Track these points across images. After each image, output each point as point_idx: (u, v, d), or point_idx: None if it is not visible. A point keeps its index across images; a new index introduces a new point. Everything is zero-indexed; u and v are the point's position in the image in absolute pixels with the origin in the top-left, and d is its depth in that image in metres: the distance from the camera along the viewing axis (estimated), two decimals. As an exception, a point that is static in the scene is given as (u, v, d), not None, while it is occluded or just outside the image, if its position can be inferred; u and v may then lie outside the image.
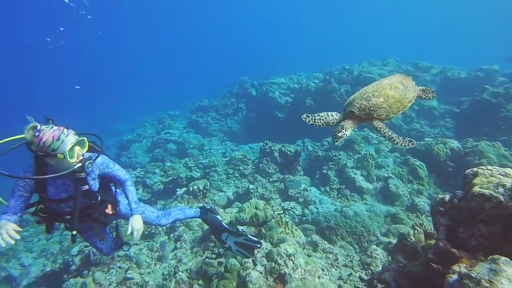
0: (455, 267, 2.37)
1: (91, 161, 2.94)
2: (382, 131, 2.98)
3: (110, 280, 5.01)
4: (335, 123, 3.09)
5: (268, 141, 8.12)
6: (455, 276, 2.28)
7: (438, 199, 3.04)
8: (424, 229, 3.37)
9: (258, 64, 30.78)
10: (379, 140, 9.23)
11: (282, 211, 6.00)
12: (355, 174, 7.25)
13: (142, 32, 58.55)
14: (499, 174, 2.61)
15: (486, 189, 2.51)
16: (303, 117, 3.13)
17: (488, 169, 2.73)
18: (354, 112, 2.89)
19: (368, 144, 9.05)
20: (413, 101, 3.16)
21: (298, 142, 10.29)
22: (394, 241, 5.19)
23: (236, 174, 7.86)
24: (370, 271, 4.69)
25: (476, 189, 2.55)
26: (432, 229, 3.26)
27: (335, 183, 7.24)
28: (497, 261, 2.07)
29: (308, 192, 6.84)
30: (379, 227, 5.99)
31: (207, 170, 8.13)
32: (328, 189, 7.11)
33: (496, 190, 2.45)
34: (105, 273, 5.26)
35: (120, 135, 16.61)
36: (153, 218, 3.66)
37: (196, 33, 64.39)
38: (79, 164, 2.85)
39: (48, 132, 2.77)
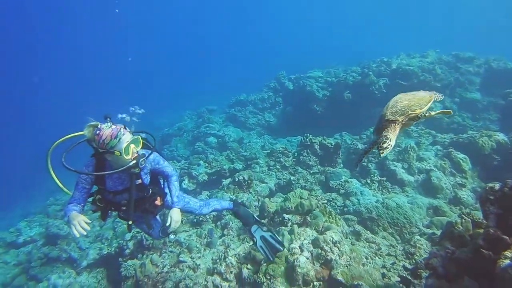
0: (507, 253, 2.49)
1: (144, 158, 3.18)
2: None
3: (164, 263, 5.42)
4: (374, 145, 2.92)
5: (308, 134, 8.28)
6: (507, 261, 2.40)
7: (487, 188, 3.12)
8: (471, 218, 3.45)
9: (294, 58, 30.64)
10: (419, 133, 9.15)
11: (326, 201, 6.15)
12: (396, 166, 7.28)
13: (180, 29, 60.02)
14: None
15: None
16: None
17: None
18: (389, 119, 2.80)
19: (408, 138, 9.00)
20: (432, 99, 3.04)
21: (336, 135, 10.36)
22: (438, 232, 5.23)
23: (278, 166, 8.10)
24: (414, 261, 4.77)
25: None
26: (480, 218, 3.33)
27: (375, 175, 7.30)
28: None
29: (349, 183, 6.95)
30: (421, 219, 6.03)
31: (249, 162, 8.42)
32: (369, 181, 7.19)
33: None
34: (159, 257, 5.70)
35: (159, 129, 17.29)
36: (196, 208, 3.98)
37: (233, 30, 65.18)
38: (134, 161, 3.08)
39: (107, 131, 3.02)
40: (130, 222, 3.26)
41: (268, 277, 4.27)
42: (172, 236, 5.96)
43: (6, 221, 12.72)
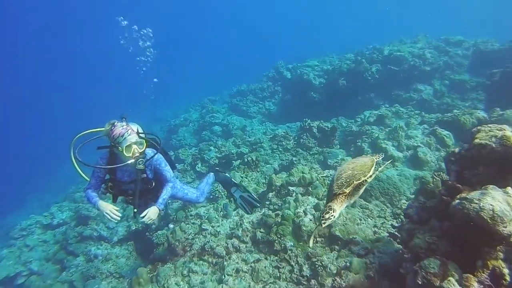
0: (458, 196, 3.35)
1: (143, 159, 3.64)
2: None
3: (189, 232, 6.32)
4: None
5: (307, 119, 9.13)
6: (456, 201, 3.26)
7: (450, 152, 3.98)
8: (441, 178, 4.31)
9: (291, 48, 31.36)
10: (409, 114, 9.97)
11: (325, 175, 7.01)
12: (387, 144, 8.13)
13: (178, 23, 60.22)
14: (496, 130, 3.52)
15: (483, 140, 3.44)
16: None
17: (489, 126, 3.64)
18: (336, 193, 2.89)
19: (399, 119, 9.81)
20: (375, 161, 3.43)
21: (333, 120, 11.15)
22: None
23: (280, 149, 8.97)
24: (400, 220, 5.65)
25: (477, 141, 3.49)
26: (446, 176, 4.18)
27: (368, 153, 8.16)
28: (487, 188, 3.04)
29: (344, 161, 7.81)
30: (408, 188, 6.88)
31: (254, 147, 9.30)
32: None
33: (490, 140, 3.37)
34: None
35: (163, 120, 18.11)
36: (194, 198, 4.71)
37: (230, 22, 65.34)
38: (132, 160, 3.52)
39: (118, 129, 3.51)
40: (135, 210, 3.75)
41: (279, 236, 5.17)
42: (171, 226, 6.84)
43: (24, 211, 13.68)
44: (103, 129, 3.68)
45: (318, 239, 5.09)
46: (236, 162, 8.17)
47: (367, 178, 2.95)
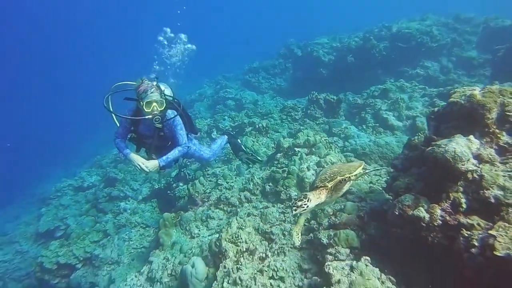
0: (432, 143, 4.04)
1: (159, 117, 3.90)
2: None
3: (206, 186, 7.19)
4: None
5: (314, 91, 9.77)
6: (429, 148, 3.95)
7: (431, 110, 4.66)
8: (424, 135, 4.98)
9: (302, 27, 31.58)
10: (413, 89, 10.50)
11: (327, 138, 7.72)
12: (388, 115, 8.76)
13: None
14: (468, 90, 4.17)
15: (456, 98, 4.10)
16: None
17: (463, 88, 4.29)
18: (318, 186, 2.89)
19: (403, 93, 10.35)
20: (362, 166, 3.33)
21: (340, 95, 11.71)
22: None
23: (289, 119, 9.68)
24: (393, 177, 6.36)
25: (451, 99, 4.16)
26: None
27: (371, 122, 8.82)
28: (454, 136, 3.73)
29: (348, 129, 8.49)
30: (405, 153, 7.56)
31: (264, 117, 10.03)
32: (364, 127, 8.73)
33: (461, 98, 4.03)
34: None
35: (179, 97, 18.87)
36: (207, 158, 5.26)
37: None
38: (149, 116, 3.79)
39: (145, 86, 3.83)
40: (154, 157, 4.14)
41: (285, 188, 5.98)
42: (181, 184, 7.65)
43: (52, 178, 14.93)
44: (134, 83, 4.02)
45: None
46: (248, 129, 8.96)
47: (352, 176, 2.90)
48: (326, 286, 3.43)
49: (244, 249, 4.55)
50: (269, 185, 6.37)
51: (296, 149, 6.82)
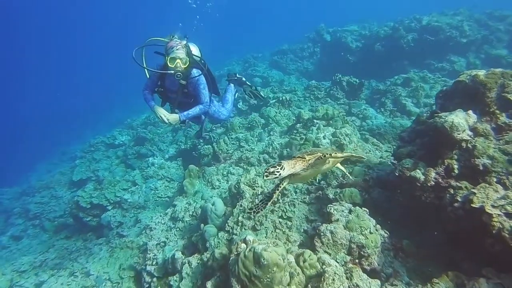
0: (435, 115, 4.52)
1: (181, 74, 4.07)
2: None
3: (229, 147, 7.87)
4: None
5: (338, 74, 10.20)
6: (432, 119, 4.44)
7: (439, 90, 5.11)
8: (432, 111, 5.43)
9: (334, 14, 31.54)
10: (436, 80, 10.73)
11: (345, 113, 8.21)
12: (407, 101, 9.12)
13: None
14: (474, 71, 4.59)
15: (461, 78, 4.55)
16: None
17: (470, 70, 4.72)
18: (296, 156, 2.86)
19: (425, 83, 10.59)
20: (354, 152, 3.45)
21: (364, 81, 12.06)
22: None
23: (312, 97, 10.17)
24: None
25: (457, 79, 4.60)
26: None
27: (389, 107, 9.21)
28: (455, 110, 4.20)
29: (367, 111, 8.92)
30: (419, 136, 7.96)
31: (288, 93, 10.56)
32: (382, 110, 9.14)
33: (465, 78, 4.47)
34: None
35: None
36: (224, 118, 5.59)
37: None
38: (172, 72, 3.99)
39: (173, 42, 4.02)
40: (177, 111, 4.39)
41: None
42: (201, 141, 8.23)
43: (83, 139, 16.06)
44: (165, 39, 4.21)
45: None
46: (272, 100, 9.55)
47: (333, 154, 2.78)
48: (326, 222, 4.04)
49: (259, 193, 5.21)
50: (286, 150, 6.97)
51: (315, 121, 7.36)
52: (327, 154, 2.74)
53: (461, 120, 4.04)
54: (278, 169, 2.53)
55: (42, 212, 9.91)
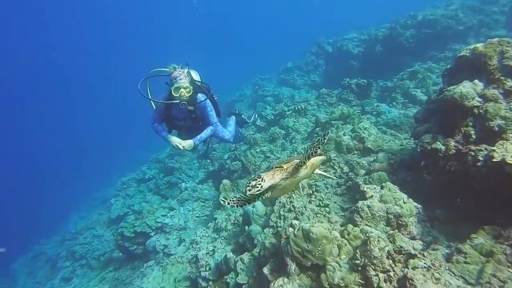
0: (443, 90, 4.90)
1: (186, 103, 4.31)
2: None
3: (257, 159, 8.30)
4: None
5: (346, 78, 10.67)
6: (442, 94, 4.81)
7: (444, 69, 5.50)
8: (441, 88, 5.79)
9: (330, 26, 32.56)
10: (441, 69, 11.02)
11: (360, 111, 8.60)
12: (416, 91, 9.46)
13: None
14: (473, 45, 4.99)
15: (462, 53, 4.94)
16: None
17: (469, 46, 5.11)
18: (273, 166, 2.80)
19: (431, 73, 10.92)
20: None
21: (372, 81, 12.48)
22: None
23: (325, 104, 10.61)
24: (421, 139, 7.11)
25: (459, 54, 5.00)
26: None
27: (400, 100, 9.55)
28: (462, 82, 4.57)
29: (379, 107, 9.27)
30: (434, 122, 8.25)
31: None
32: (394, 104, 9.49)
33: (466, 52, 4.86)
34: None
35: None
36: (227, 139, 6.06)
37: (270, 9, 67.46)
38: (177, 101, 4.24)
39: (176, 72, 4.35)
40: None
41: (325, 151, 6.94)
42: (208, 161, 8.93)
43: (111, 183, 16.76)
44: (167, 70, 4.47)
45: (354, 151, 6.78)
46: (288, 111, 10.04)
47: (307, 157, 2.55)
48: (361, 199, 4.38)
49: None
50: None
51: (333, 121, 7.77)
52: (303, 160, 2.55)
53: (469, 89, 4.40)
54: (259, 181, 2.45)
55: (87, 251, 10.41)
